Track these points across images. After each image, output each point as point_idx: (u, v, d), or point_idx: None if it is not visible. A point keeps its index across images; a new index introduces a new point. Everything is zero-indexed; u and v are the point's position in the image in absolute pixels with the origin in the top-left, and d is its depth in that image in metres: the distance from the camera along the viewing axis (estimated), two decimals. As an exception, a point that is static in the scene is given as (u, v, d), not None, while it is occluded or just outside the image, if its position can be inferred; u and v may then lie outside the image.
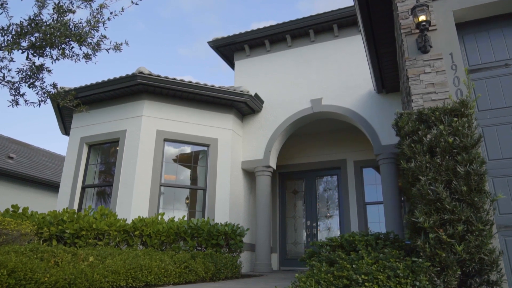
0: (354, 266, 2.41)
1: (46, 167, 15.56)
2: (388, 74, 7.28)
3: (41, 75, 5.21)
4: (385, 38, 6.23)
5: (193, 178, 8.14)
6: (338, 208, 9.83)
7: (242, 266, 6.18)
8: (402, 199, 8.53)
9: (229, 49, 9.84)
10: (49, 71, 5.35)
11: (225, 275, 5.24)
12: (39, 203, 12.87)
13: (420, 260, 2.28)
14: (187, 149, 8.17)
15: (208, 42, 9.71)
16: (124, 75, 7.62)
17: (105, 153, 8.27)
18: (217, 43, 9.70)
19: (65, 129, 9.85)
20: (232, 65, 10.42)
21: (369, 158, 9.66)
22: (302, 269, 9.87)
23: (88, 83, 7.96)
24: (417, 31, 3.82)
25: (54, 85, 5.20)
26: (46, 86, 5.16)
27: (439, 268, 2.31)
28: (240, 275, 5.79)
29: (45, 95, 5.20)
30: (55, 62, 5.21)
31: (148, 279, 3.64)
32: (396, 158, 7.66)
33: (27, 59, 4.48)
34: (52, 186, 13.66)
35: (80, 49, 4.96)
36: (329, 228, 9.82)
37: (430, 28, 3.74)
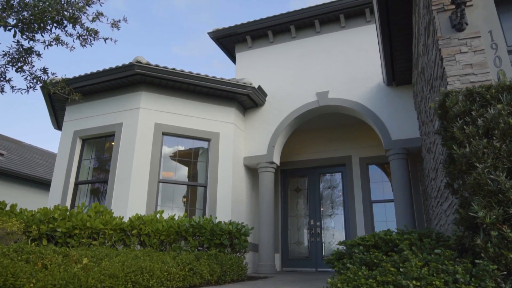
0: (401, 269, 2.02)
1: (37, 164, 15.03)
2: (399, 65, 6.92)
3: (30, 58, 4.77)
4: (400, 24, 5.86)
5: (193, 174, 7.72)
6: (342, 206, 9.46)
7: (248, 268, 5.78)
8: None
9: (230, 40, 9.42)
10: (38, 55, 4.90)
11: (231, 277, 4.83)
12: (30, 201, 12.36)
13: (485, 262, 1.90)
14: (187, 144, 7.74)
15: (209, 33, 9.29)
16: (120, 64, 7.18)
17: (100, 147, 7.81)
18: (217, 34, 9.28)
19: (58, 123, 9.37)
20: (233, 58, 10.01)
21: (375, 155, 9.30)
22: (305, 270, 9.51)
23: (82, 74, 7.50)
24: (452, 7, 3.44)
25: (45, 70, 4.74)
26: (35, 71, 4.71)
27: (505, 272, 1.93)
28: (246, 277, 5.38)
29: (34, 80, 4.74)
30: (47, 47, 4.78)
31: (149, 283, 3.21)
32: (408, 153, 7.31)
33: (14, 37, 4.03)
34: (44, 184, 13.15)
35: (75, 29, 4.53)
36: (334, 227, 9.45)
37: (467, 3, 3.36)
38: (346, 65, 8.16)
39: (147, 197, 6.81)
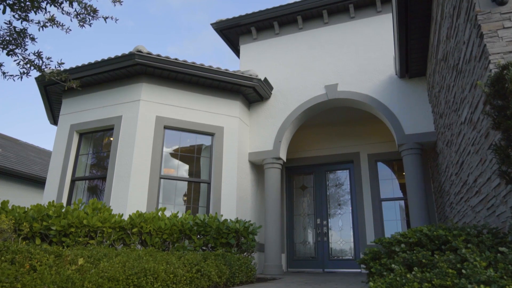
0: (464, 271, 1.67)
1: (33, 162, 14.64)
2: (414, 55, 6.57)
3: (23, 42, 4.40)
4: (418, 10, 5.51)
5: (196, 171, 7.35)
6: (350, 205, 9.11)
7: (257, 269, 5.41)
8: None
9: (234, 32, 9.06)
10: (32, 39, 4.54)
11: (240, 279, 4.46)
12: (26, 199, 11.97)
13: None
14: (190, 138, 7.37)
15: (212, 24, 8.93)
16: (119, 54, 6.80)
17: (98, 142, 7.43)
18: (221, 25, 8.92)
19: (54, 118, 8.98)
20: (237, 51, 9.65)
21: (384, 151, 8.96)
22: (312, 270, 9.14)
23: (80, 64, 7.13)
24: (491, -22, 3.08)
25: (39, 54, 4.36)
26: (28, 55, 4.33)
27: None
28: (255, 278, 5.02)
29: (28, 65, 4.36)
30: (42, 29, 4.42)
31: (154, 287, 2.85)
32: (422, 148, 6.96)
33: (3, 13, 3.66)
34: (40, 182, 12.76)
35: (72, 7, 4.16)
36: (341, 226, 9.10)
37: (510, -28, 3.01)
38: (356, 57, 7.81)
39: (147, 194, 6.44)
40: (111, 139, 6.99)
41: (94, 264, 2.81)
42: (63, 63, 4.53)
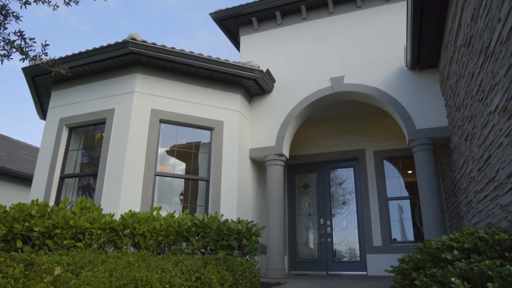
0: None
1: (25, 160, 14.13)
2: (427, 45, 6.17)
3: (4, 22, 3.94)
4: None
5: (194, 167, 6.90)
6: (355, 204, 8.69)
7: (261, 273, 4.97)
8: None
9: (234, 22, 8.61)
10: (17, 17, 4.08)
11: (244, 285, 4.03)
12: (17, 199, 11.47)
13: None
14: (187, 133, 6.91)
15: (210, 14, 8.48)
16: (112, 42, 6.34)
17: (89, 137, 6.96)
18: (220, 15, 8.47)
19: (43, 112, 8.50)
20: (237, 43, 9.21)
21: (391, 148, 8.56)
22: (315, 273, 8.71)
23: (70, 53, 6.66)
24: None
25: (21, 34, 3.90)
26: (9, 34, 3.88)
27: None
28: (259, 284, 4.58)
29: (8, 46, 3.90)
30: (25, 6, 3.98)
31: (146, 300, 2.41)
32: (434, 144, 6.56)
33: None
34: (32, 181, 12.25)
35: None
36: (345, 227, 8.68)
37: None
38: (363, 48, 7.39)
39: (142, 192, 5.99)
40: (103, 134, 6.53)
41: (75, 273, 2.37)
42: (48, 45, 4.08)
